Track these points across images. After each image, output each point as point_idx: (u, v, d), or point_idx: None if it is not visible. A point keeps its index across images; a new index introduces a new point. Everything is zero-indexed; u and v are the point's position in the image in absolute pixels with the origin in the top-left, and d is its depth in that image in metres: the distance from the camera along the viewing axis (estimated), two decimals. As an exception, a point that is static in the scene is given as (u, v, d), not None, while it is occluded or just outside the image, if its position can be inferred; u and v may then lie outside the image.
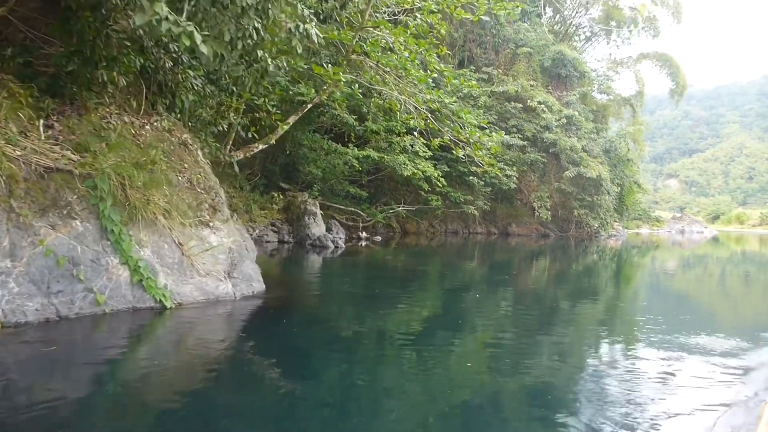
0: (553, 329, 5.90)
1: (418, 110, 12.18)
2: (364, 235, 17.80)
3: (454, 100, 12.87)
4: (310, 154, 16.96)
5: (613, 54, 41.18)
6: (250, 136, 11.19)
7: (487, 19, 13.77)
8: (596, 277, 12.30)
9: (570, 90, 27.32)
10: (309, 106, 11.98)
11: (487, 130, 13.69)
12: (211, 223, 6.27)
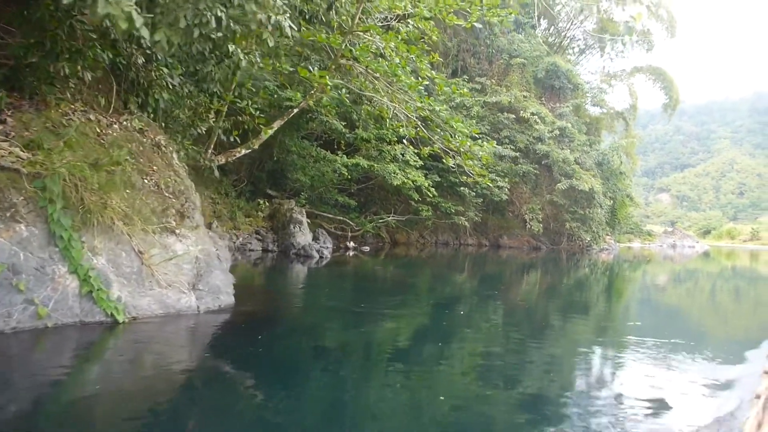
0: (542, 346, 5.70)
1: (409, 118, 11.83)
2: (352, 245, 17.35)
3: (445, 108, 12.53)
4: (298, 161, 16.56)
5: (607, 67, 41.44)
6: (233, 140, 10.75)
7: (479, 26, 13.48)
8: (588, 291, 12.08)
9: (563, 102, 27.12)
10: (295, 110, 11.60)
11: (479, 141, 13.38)
12: (178, 230, 5.82)
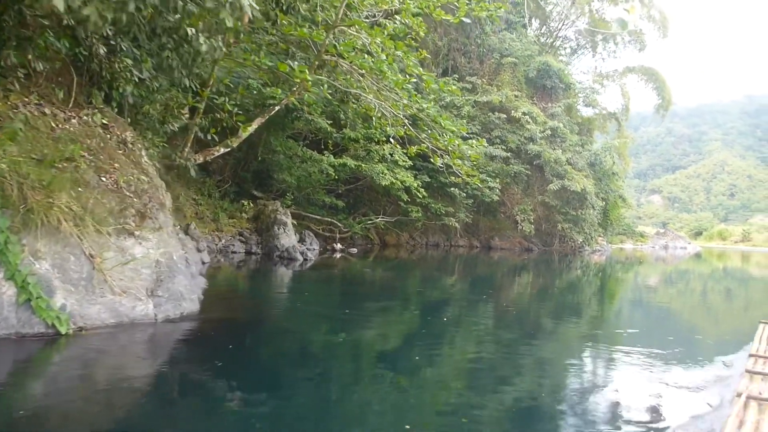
0: (530, 351, 5.49)
1: (396, 116, 11.43)
2: (339, 246, 16.91)
3: (433, 106, 12.14)
4: (284, 161, 16.11)
5: (599, 67, 41.26)
6: (210, 139, 10.30)
7: (468, 21, 13.11)
8: (580, 293, 11.90)
9: (555, 101, 26.84)
10: (276, 108, 11.18)
11: (469, 140, 13.03)
12: (137, 232, 5.38)
